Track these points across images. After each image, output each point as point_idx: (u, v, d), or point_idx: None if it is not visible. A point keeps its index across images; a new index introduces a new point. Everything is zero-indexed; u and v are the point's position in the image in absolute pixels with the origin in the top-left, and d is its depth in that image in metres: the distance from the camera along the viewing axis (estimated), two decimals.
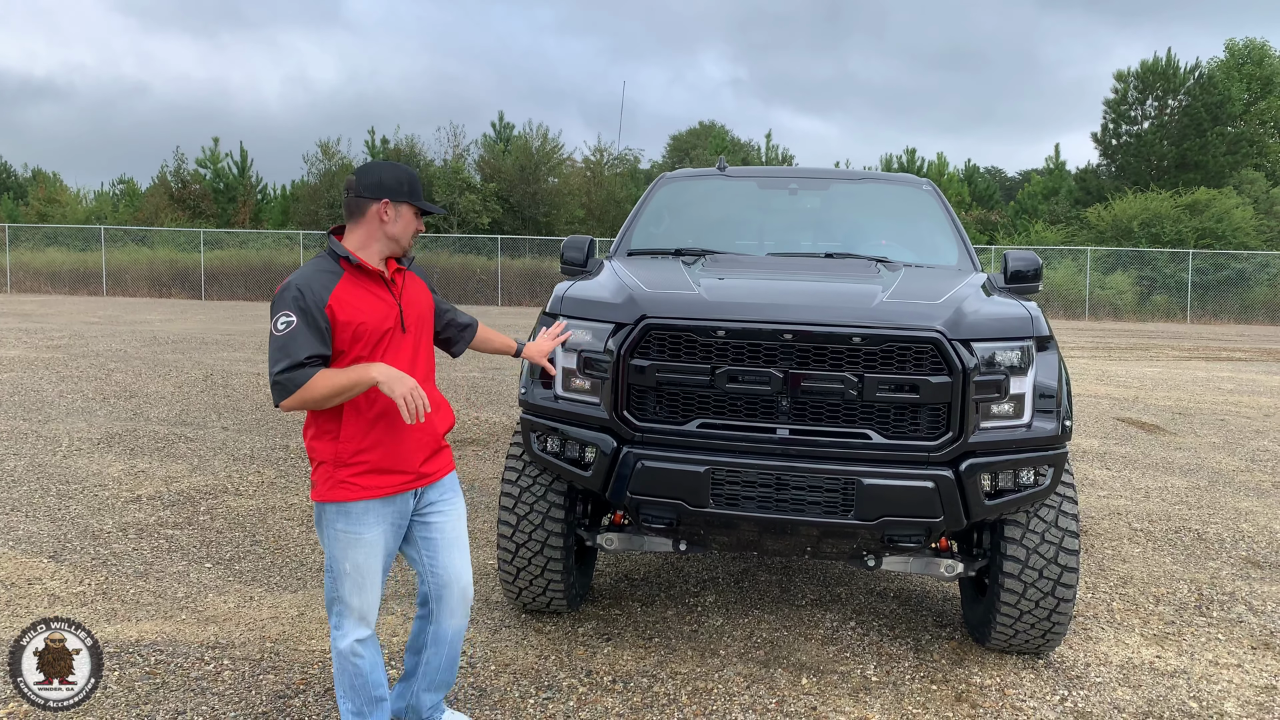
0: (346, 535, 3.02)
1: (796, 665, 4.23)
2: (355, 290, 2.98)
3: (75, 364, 13.18)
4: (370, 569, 3.07)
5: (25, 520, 6.03)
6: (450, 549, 3.25)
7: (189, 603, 4.76)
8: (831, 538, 3.85)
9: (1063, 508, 4.05)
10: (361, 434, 2.99)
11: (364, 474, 2.99)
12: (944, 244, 5.44)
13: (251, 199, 42.89)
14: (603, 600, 4.95)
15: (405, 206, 3.08)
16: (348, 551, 3.03)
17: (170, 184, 41.46)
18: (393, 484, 3.05)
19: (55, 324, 19.70)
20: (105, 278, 34.18)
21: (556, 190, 40.68)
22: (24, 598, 4.73)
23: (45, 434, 8.60)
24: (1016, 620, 4.11)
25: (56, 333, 17.59)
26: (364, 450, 2.99)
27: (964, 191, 44.15)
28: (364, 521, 3.02)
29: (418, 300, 3.20)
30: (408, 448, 3.07)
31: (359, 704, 3.16)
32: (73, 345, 15.51)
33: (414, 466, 3.10)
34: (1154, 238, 34.58)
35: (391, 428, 3.03)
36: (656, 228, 5.70)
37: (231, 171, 43.14)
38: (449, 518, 3.26)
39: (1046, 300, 32.21)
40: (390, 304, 3.06)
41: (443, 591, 3.26)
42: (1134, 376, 15.34)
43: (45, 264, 34.54)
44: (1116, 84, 42.33)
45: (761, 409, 3.78)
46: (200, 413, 9.95)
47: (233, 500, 6.68)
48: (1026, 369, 3.82)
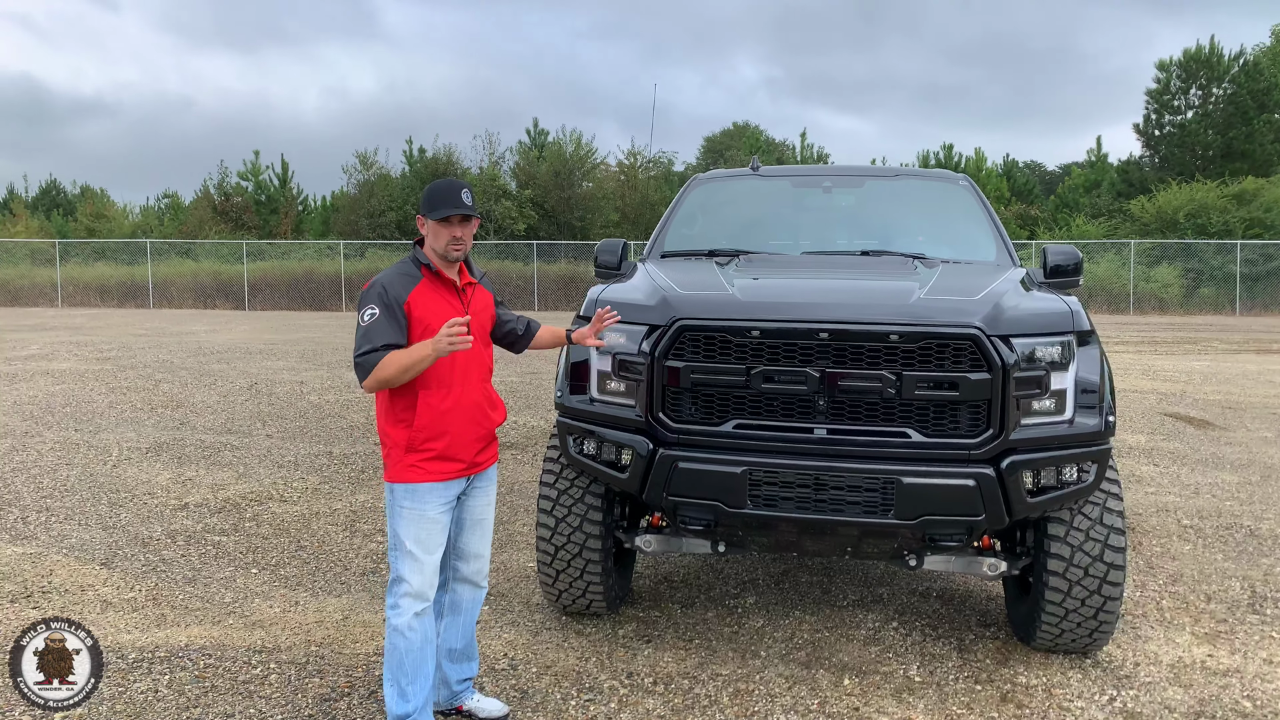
0: (411, 512, 3.36)
1: (839, 666, 4.20)
2: (431, 294, 3.36)
3: (124, 375, 13.45)
4: (431, 545, 3.38)
5: (78, 528, 6.17)
6: (475, 528, 3.61)
7: (236, 607, 4.84)
8: (872, 538, 3.82)
9: (1108, 504, 3.98)
10: (433, 424, 3.33)
11: (431, 460, 3.34)
12: (981, 239, 5.38)
13: (293, 210, 43.49)
14: (642, 602, 4.96)
15: (431, 220, 3.36)
16: (411, 528, 3.35)
17: (213, 197, 42.18)
18: (453, 470, 3.40)
19: (104, 336, 20.12)
20: (152, 290, 34.85)
21: (591, 195, 40.79)
22: (78, 604, 4.83)
23: (96, 444, 8.79)
24: (1062, 619, 4.05)
25: (106, 345, 17.97)
26: (433, 439, 3.34)
27: (1003, 186, 43.61)
28: (428, 501, 3.36)
29: (483, 311, 3.57)
30: (468, 439, 3.42)
31: (403, 683, 3.37)
32: (121, 357, 15.83)
33: (470, 456, 3.44)
34: (1200, 229, 33.88)
35: (458, 421, 3.38)
36: (690, 229, 5.70)
37: (273, 183, 43.79)
38: (479, 500, 3.60)
39: (1089, 295, 31.70)
40: (459, 310, 3.41)
41: (460, 562, 3.62)
42: (1181, 371, 15.05)
43: (94, 278, 35.31)
44: (1159, 73, 41.56)
45: (798, 409, 3.77)
46: (245, 421, 10.11)
47: (277, 506, 6.78)
48: (1068, 364, 3.77)
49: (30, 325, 23.66)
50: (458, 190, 3.39)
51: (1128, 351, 18.24)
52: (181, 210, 45.20)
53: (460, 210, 3.34)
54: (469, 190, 3.43)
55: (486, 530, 3.66)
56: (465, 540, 3.61)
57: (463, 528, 3.59)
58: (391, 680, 3.37)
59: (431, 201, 3.38)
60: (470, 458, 3.45)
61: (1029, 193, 47.18)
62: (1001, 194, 42.69)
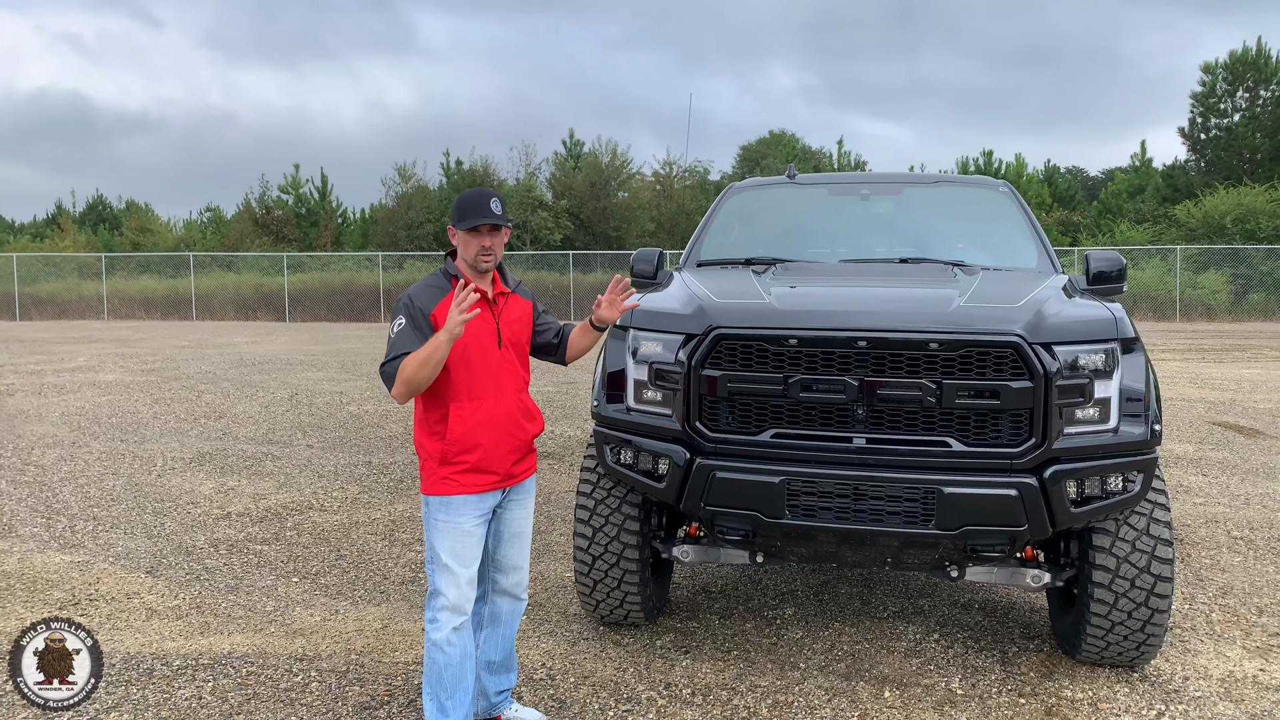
0: (446, 525, 3.33)
1: (879, 678, 4.15)
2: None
3: (168, 386, 13.68)
4: (467, 557, 3.35)
5: (124, 537, 6.27)
6: (513, 540, 3.56)
7: (277, 616, 4.89)
8: (912, 548, 3.78)
9: (1154, 515, 3.90)
10: (465, 436, 3.30)
11: (465, 472, 3.32)
12: (1022, 246, 5.32)
13: (332, 223, 44.07)
14: (680, 613, 4.94)
15: (460, 231, 3.36)
16: (446, 540, 3.33)
17: (254, 210, 42.85)
18: (488, 483, 3.37)
19: (149, 348, 20.49)
20: (194, 302, 35.45)
21: (626, 205, 40.92)
22: (124, 611, 4.91)
23: (141, 454, 8.94)
24: (1108, 632, 3.97)
25: (150, 357, 18.29)
26: (467, 451, 3.31)
27: (1044, 192, 43.04)
28: (462, 513, 3.33)
29: (516, 320, 3.51)
30: (502, 451, 3.38)
31: (442, 698, 3.35)
32: (165, 369, 16.11)
33: (506, 468, 3.41)
34: (1249, 234, 33.19)
35: (491, 433, 3.35)
36: (726, 238, 5.69)
37: (312, 196, 44.41)
38: (517, 513, 3.55)
39: (1134, 302, 31.17)
40: (489, 322, 3.38)
41: (497, 574, 3.58)
42: (1230, 379, 14.74)
43: (139, 291, 35.99)
44: (1204, 76, 40.82)
45: (837, 418, 3.74)
46: (286, 431, 10.23)
47: (318, 516, 6.84)
48: (1112, 372, 3.71)
49: (77, 337, 24.16)
50: (487, 199, 3.36)
51: (1174, 359, 17.91)
52: (223, 223, 45.98)
53: (489, 220, 3.31)
54: (499, 199, 3.39)
55: (525, 542, 3.62)
56: (504, 553, 3.57)
57: (501, 540, 3.55)
58: (431, 694, 3.36)
59: (461, 211, 3.36)
60: (505, 470, 3.41)
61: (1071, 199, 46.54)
62: (1043, 200, 42.14)
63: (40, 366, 16.19)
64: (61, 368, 16.06)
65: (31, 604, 4.99)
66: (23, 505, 7.07)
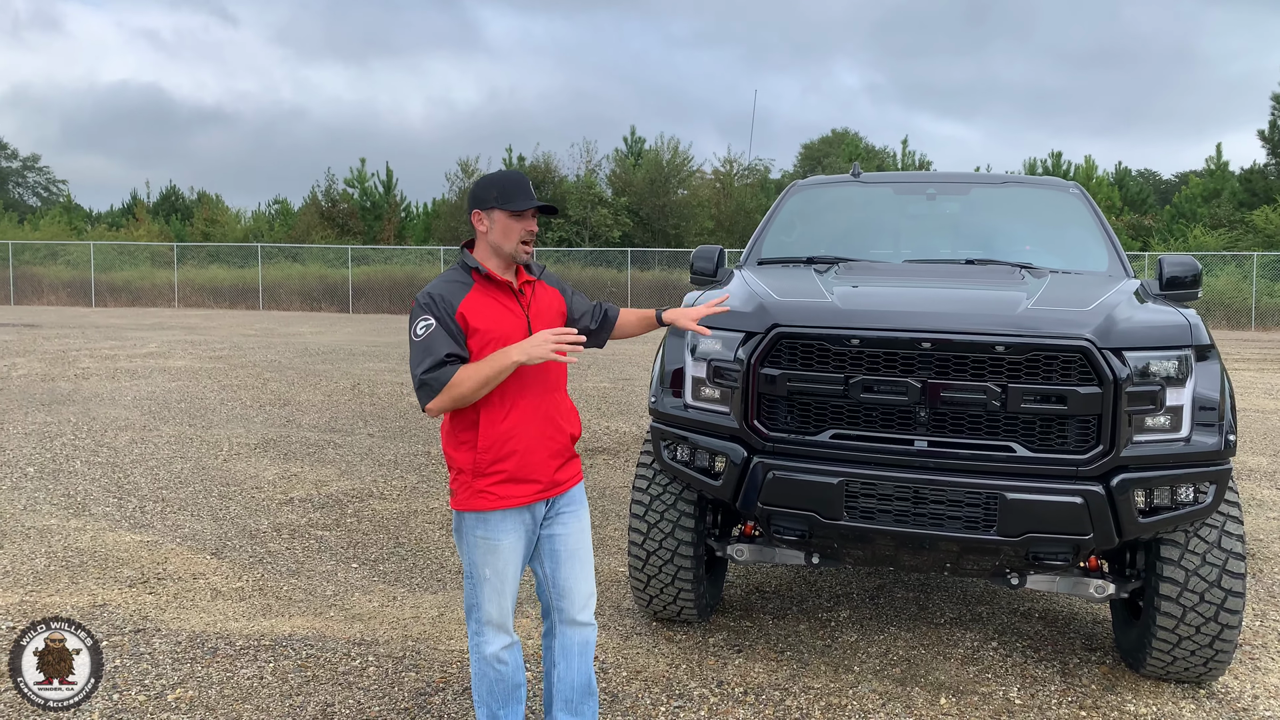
0: (485, 542, 3.04)
1: (935, 685, 4.09)
2: (484, 300, 3.01)
3: (235, 374, 14.01)
4: (508, 575, 3.08)
5: (191, 519, 6.44)
6: (571, 560, 3.19)
7: (337, 600, 4.98)
8: (972, 554, 3.72)
9: (1226, 528, 3.79)
10: (499, 444, 2.99)
11: (501, 483, 3.00)
12: (1093, 249, 5.20)
13: (395, 216, 44.69)
14: (733, 611, 4.92)
15: (497, 213, 3.02)
16: (486, 558, 3.05)
17: (320, 203, 43.65)
18: (528, 493, 3.05)
19: (217, 336, 21.01)
20: (261, 293, 36.24)
21: (686, 202, 40.82)
22: (190, 591, 5.05)
23: (208, 439, 9.17)
24: (1175, 646, 3.86)
25: (218, 344, 18.76)
26: (501, 460, 3.00)
27: (1114, 196, 41.98)
28: (501, 529, 3.04)
29: (547, 310, 3.18)
30: (540, 457, 3.06)
31: (494, 707, 3.16)
32: (233, 356, 16.50)
33: (547, 475, 3.09)
34: None
35: (526, 438, 3.02)
36: (788, 236, 5.65)
37: (377, 190, 45.08)
38: (571, 528, 3.20)
39: (1207, 309, 30.25)
40: (518, 314, 3.06)
41: (562, 601, 3.22)
42: None
43: (208, 280, 36.89)
44: None
45: (898, 420, 3.69)
46: (348, 420, 10.42)
47: (378, 504, 6.96)
48: (1184, 379, 3.61)
49: (149, 324, 24.87)
50: (528, 183, 3.08)
51: (1249, 369, 17.35)
52: (290, 215, 46.88)
53: (537, 203, 3.03)
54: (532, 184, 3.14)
55: (584, 561, 3.24)
56: (563, 575, 3.20)
57: (558, 561, 3.19)
58: (482, 703, 3.17)
59: (505, 193, 3.01)
60: (548, 477, 3.09)
61: (1142, 202, 45.32)
62: (1113, 203, 41.10)
63: (114, 352, 16.70)
64: (134, 353, 16.54)
65: (103, 580, 5.15)
66: (96, 485, 7.30)
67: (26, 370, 13.86)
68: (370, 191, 44.89)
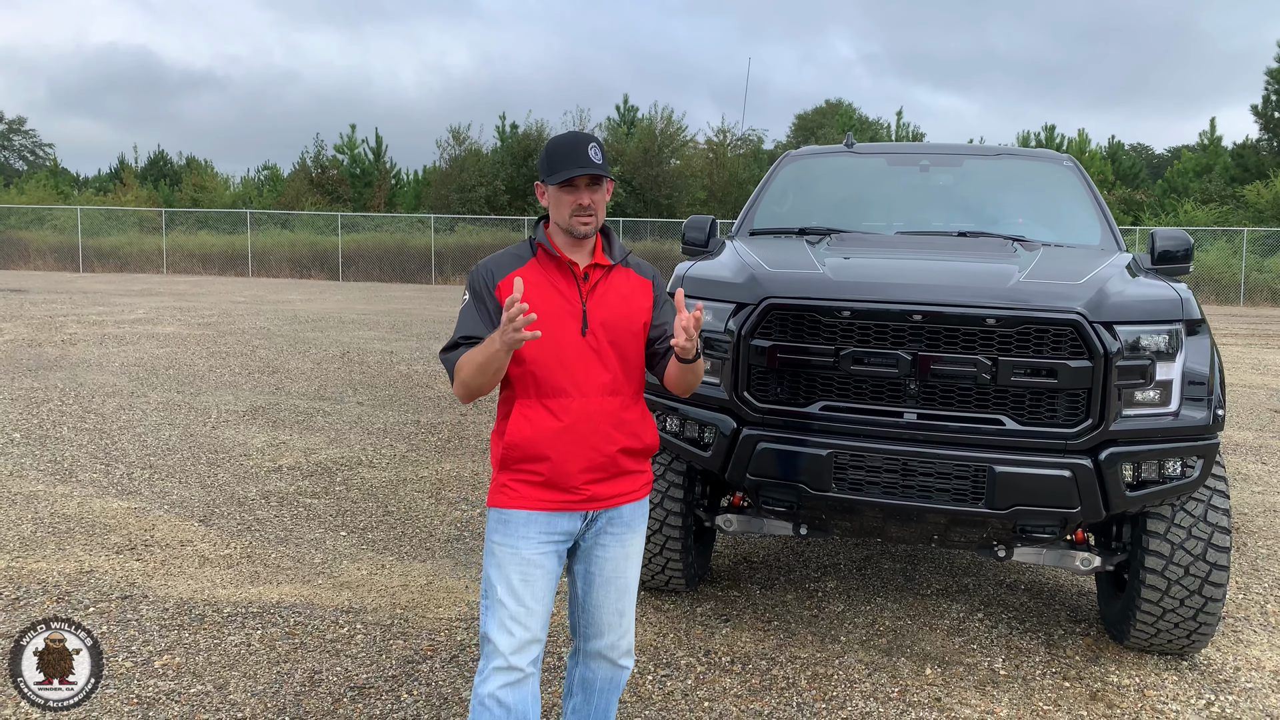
0: (503, 549, 2.62)
1: (920, 655, 4.12)
2: (536, 277, 2.63)
3: (223, 341, 13.94)
4: (527, 595, 2.61)
5: (179, 486, 6.42)
6: (605, 586, 2.76)
7: (325, 568, 4.98)
8: (960, 526, 3.73)
9: (1213, 501, 3.81)
10: (528, 442, 2.61)
11: (526, 483, 2.63)
12: (1086, 223, 5.18)
13: (385, 184, 44.38)
14: (721, 581, 4.94)
15: (548, 185, 2.65)
16: (503, 569, 2.61)
17: (310, 169, 43.29)
18: (557, 500, 2.63)
19: (206, 303, 20.89)
20: (251, 259, 36.01)
21: (679, 173, 40.62)
22: (178, 558, 5.04)
23: (196, 406, 9.14)
24: (1159, 619, 3.90)
25: (207, 311, 18.65)
26: (528, 460, 2.62)
27: (1106, 170, 41.93)
28: (523, 534, 2.62)
29: (619, 301, 2.70)
30: (576, 465, 2.62)
31: None
32: (221, 323, 16.41)
33: (581, 484, 2.64)
34: None
35: (564, 442, 2.61)
36: (780, 206, 5.62)
37: (367, 157, 44.73)
38: (611, 551, 2.74)
39: (1197, 284, 30.31)
40: (572, 300, 2.64)
41: (589, 630, 2.81)
42: None
43: (197, 246, 36.63)
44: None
45: (888, 392, 3.69)
46: (337, 388, 10.38)
47: (366, 472, 6.95)
48: (1174, 354, 3.61)
49: (138, 290, 24.70)
50: (584, 145, 2.61)
51: (1236, 344, 17.43)
52: (280, 181, 46.51)
53: (588, 170, 2.57)
54: (598, 145, 2.64)
55: (622, 591, 2.78)
56: (596, 601, 2.77)
57: (591, 584, 2.76)
58: None
59: (550, 161, 2.63)
60: (583, 486, 2.64)
61: (1135, 176, 45.32)
62: (1105, 177, 41.07)
63: (102, 317, 16.59)
64: (122, 319, 16.44)
65: (90, 547, 5.14)
66: (83, 452, 7.27)
67: (13, 336, 13.76)
68: (360, 158, 44.54)
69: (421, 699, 3.64)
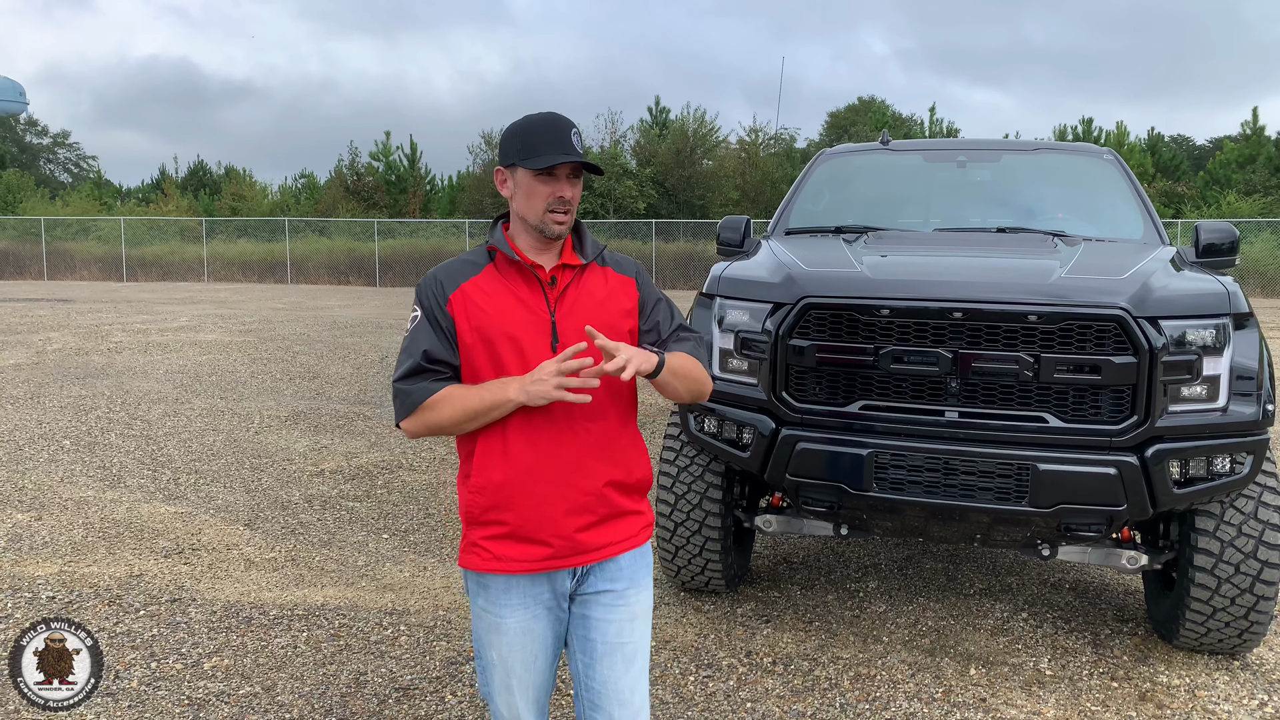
0: (486, 616, 2.29)
1: (964, 655, 4.09)
2: (493, 286, 2.24)
3: (264, 347, 14.14)
4: (515, 667, 2.30)
5: (224, 490, 6.53)
6: (610, 656, 2.30)
7: (368, 571, 5.04)
8: (1003, 525, 3.69)
9: (1263, 498, 3.74)
10: (496, 486, 2.21)
11: (499, 539, 2.23)
12: (1128, 216, 5.11)
13: (420, 190, 44.73)
14: (761, 582, 4.93)
15: (519, 171, 2.21)
16: (490, 637, 2.30)
17: (345, 176, 43.75)
18: (537, 557, 2.22)
19: (246, 310, 21.19)
20: (289, 266, 36.47)
21: (711, 173, 40.57)
22: (224, 562, 5.12)
23: (239, 411, 9.28)
24: (1209, 618, 3.83)
25: (248, 318, 18.92)
26: (497, 507, 2.21)
27: (1146, 162, 41.23)
28: (504, 603, 2.27)
29: (595, 310, 2.26)
30: (555, 510, 2.21)
31: None
32: (262, 330, 16.64)
33: (567, 535, 2.22)
34: None
35: (534, 483, 2.20)
36: (815, 205, 5.59)
37: (402, 163, 45.10)
38: (615, 614, 2.30)
39: (1241, 277, 29.73)
40: (537, 311, 2.22)
41: (596, 712, 2.32)
42: None
43: (237, 254, 37.18)
44: None
45: (929, 391, 3.66)
46: (376, 392, 10.49)
47: (407, 475, 7.01)
48: (1222, 349, 3.55)
49: (180, 299, 25.11)
50: (567, 129, 2.20)
51: None
52: (316, 189, 47.04)
53: (573, 158, 2.17)
54: (578, 133, 2.23)
55: (630, 660, 2.32)
56: (600, 675, 2.30)
57: (592, 656, 2.30)
58: None
59: (526, 143, 2.18)
60: (564, 539, 2.21)
61: (1175, 168, 44.53)
62: (1145, 170, 40.40)
63: (146, 326, 16.89)
64: (165, 327, 16.72)
65: (139, 551, 5.24)
66: (130, 458, 7.41)
67: (61, 344, 14.06)
68: (395, 165, 44.92)
69: (465, 700, 3.67)
